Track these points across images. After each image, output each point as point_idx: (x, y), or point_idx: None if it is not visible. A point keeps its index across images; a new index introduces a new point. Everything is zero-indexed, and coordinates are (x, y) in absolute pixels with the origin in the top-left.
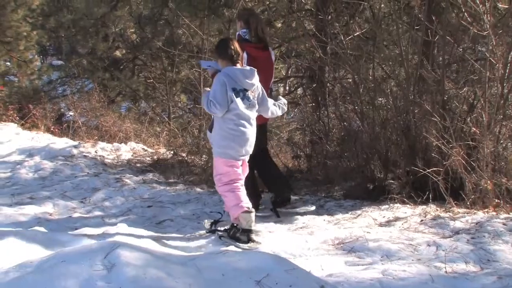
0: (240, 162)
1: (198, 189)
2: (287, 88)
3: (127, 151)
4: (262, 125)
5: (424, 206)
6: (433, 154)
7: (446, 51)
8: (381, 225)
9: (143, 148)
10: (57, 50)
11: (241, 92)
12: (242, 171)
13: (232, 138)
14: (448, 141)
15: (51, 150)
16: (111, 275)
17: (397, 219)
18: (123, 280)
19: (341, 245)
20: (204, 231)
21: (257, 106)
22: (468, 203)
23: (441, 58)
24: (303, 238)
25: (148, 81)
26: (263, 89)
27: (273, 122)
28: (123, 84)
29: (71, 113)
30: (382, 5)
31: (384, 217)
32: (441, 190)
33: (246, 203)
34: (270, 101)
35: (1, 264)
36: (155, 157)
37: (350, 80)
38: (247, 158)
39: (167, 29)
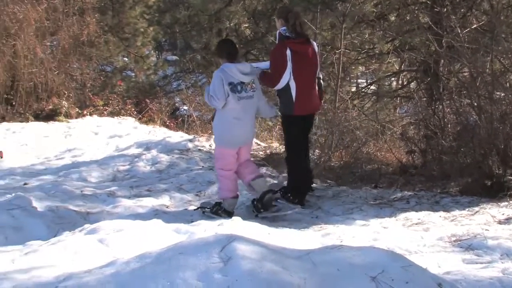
0: (235, 150)
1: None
2: (400, 82)
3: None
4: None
5: None
6: None
7: None
8: (500, 222)
9: (256, 142)
10: (172, 46)
11: (239, 85)
12: (241, 157)
13: (228, 129)
14: None
15: (167, 143)
16: (227, 268)
17: None
18: (239, 273)
19: (458, 242)
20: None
21: (255, 98)
22: None
23: None
24: (419, 235)
25: None
26: (259, 86)
27: (386, 117)
28: None
29: (185, 107)
30: None
31: (503, 214)
32: None
33: (234, 190)
34: (263, 101)
35: (122, 255)
36: (268, 151)
37: (467, 74)
38: (245, 146)
39: None
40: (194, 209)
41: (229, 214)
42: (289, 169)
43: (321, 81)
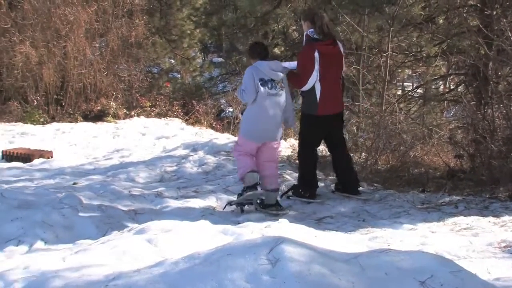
0: (258, 145)
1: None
2: (447, 85)
3: (286, 147)
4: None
5: None
6: None
7: None
8: None
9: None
10: (218, 48)
11: (269, 82)
12: (264, 155)
13: (255, 122)
14: None
15: (214, 145)
16: (275, 270)
17: None
18: (287, 275)
19: (508, 248)
20: None
21: (283, 97)
22: None
23: None
24: (467, 240)
25: None
26: (288, 90)
27: (433, 120)
28: None
29: (231, 109)
30: None
31: None
32: None
33: (251, 166)
34: (290, 106)
35: (170, 255)
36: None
37: None
38: (270, 144)
39: None
40: (223, 208)
41: (252, 189)
42: (300, 165)
43: (344, 81)
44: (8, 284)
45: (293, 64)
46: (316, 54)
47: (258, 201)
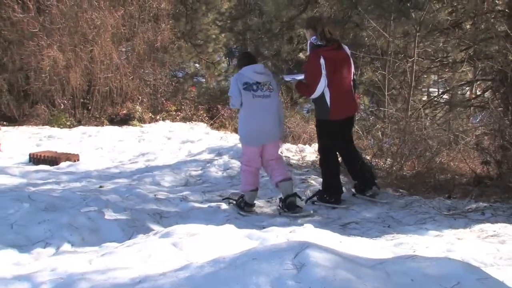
0: (258, 148)
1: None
2: (474, 91)
3: (311, 152)
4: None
5: None
6: None
7: None
8: None
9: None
10: None
11: (254, 85)
12: (267, 155)
13: (247, 126)
14: None
15: (239, 149)
16: (301, 275)
17: None
18: (313, 280)
19: None
20: None
21: (272, 98)
22: None
23: None
24: (494, 247)
25: None
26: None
27: (459, 126)
28: None
29: None
30: None
31: None
32: None
33: (254, 184)
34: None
35: (196, 259)
36: (340, 159)
37: None
38: (270, 144)
39: (352, 31)
40: (222, 199)
41: (249, 206)
42: (324, 171)
43: (356, 82)
44: (36, 285)
45: (298, 76)
46: (322, 61)
47: (280, 204)
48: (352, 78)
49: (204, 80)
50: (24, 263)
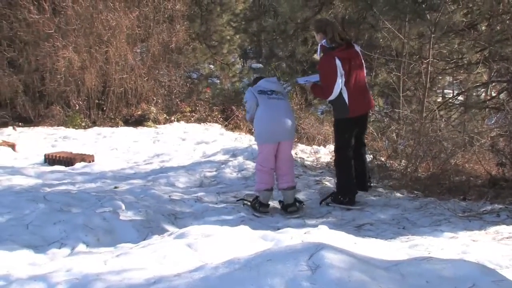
0: (274, 145)
1: (398, 194)
2: (489, 92)
3: (326, 153)
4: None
5: None
6: None
7: None
8: None
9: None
10: (257, 54)
11: (268, 91)
12: (281, 154)
13: (264, 124)
14: None
15: (253, 151)
16: (315, 276)
17: None
18: (327, 281)
19: None
20: None
21: (285, 101)
22: None
23: None
24: (510, 249)
25: None
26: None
27: (474, 128)
28: None
29: None
30: None
31: None
32: None
33: (268, 183)
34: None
35: (210, 260)
36: None
37: None
38: (285, 143)
39: (367, 32)
40: (237, 200)
41: (264, 206)
42: (339, 171)
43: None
44: (51, 286)
45: (312, 78)
46: (338, 62)
47: (280, 205)
48: (365, 74)
49: (218, 81)
50: (39, 264)
